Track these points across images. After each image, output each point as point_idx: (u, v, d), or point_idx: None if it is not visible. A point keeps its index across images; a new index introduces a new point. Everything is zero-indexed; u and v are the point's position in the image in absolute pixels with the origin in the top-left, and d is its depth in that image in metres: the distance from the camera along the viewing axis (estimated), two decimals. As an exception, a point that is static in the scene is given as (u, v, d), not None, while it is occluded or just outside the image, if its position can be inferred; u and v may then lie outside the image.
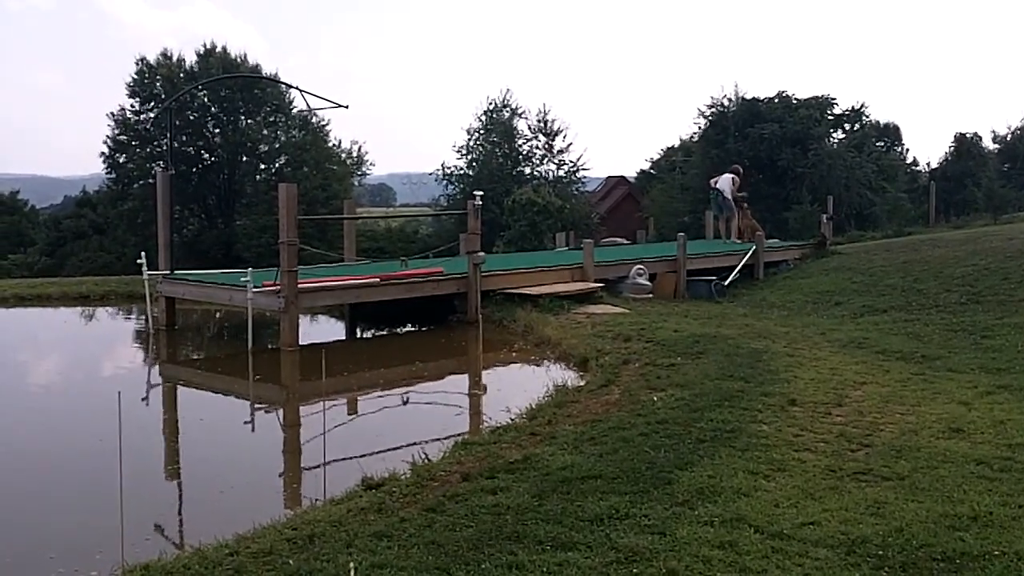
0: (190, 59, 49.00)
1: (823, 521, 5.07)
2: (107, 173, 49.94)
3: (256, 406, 10.02)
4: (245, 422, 9.39)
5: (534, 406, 8.13)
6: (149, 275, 13.28)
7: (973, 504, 5.28)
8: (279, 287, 11.57)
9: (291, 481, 7.14)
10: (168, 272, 13.59)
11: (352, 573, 4.48)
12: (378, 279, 12.94)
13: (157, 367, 12.17)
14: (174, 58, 49.14)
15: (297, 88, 16.10)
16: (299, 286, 11.70)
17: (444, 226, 44.51)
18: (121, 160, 49.38)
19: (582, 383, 9.29)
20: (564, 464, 6.07)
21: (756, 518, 5.10)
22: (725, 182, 20.98)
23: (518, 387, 9.74)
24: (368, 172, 60.57)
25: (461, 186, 47.50)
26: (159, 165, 49.25)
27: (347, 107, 14.91)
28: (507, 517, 5.13)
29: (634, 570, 4.47)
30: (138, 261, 13.27)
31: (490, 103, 47.00)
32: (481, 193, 14.61)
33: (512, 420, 7.71)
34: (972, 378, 8.96)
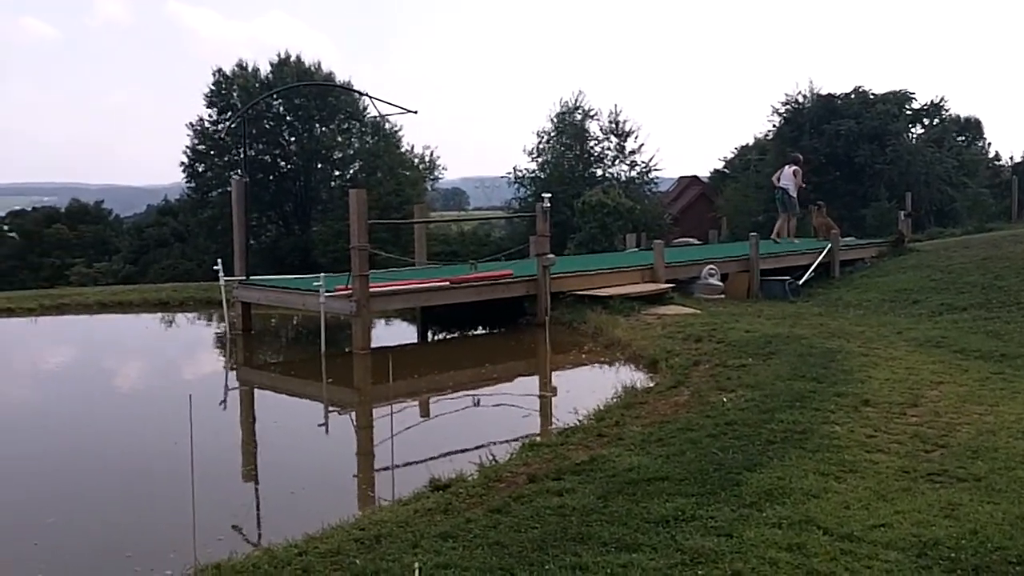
0: (265, 69, 49.80)
1: (894, 523, 4.97)
2: (187, 182, 51.04)
3: (329, 409, 10.12)
4: (319, 425, 9.49)
5: (602, 407, 8.10)
6: (225, 281, 13.52)
7: (1049, 505, 5.14)
8: (351, 291, 11.69)
9: (361, 482, 7.20)
10: (244, 278, 13.82)
11: (417, 573, 4.51)
12: (448, 282, 13.01)
13: (234, 371, 12.36)
14: (249, 68, 50.03)
15: (367, 95, 16.30)
16: (370, 290, 11.80)
17: (516, 229, 44.57)
18: (200, 169, 50.43)
19: (651, 384, 9.24)
20: (630, 465, 6.04)
21: (825, 520, 5.02)
22: (788, 178, 20.38)
23: (587, 389, 9.70)
24: (441, 176, 60.97)
25: (533, 189, 47.56)
26: (236, 174, 50.32)
27: (416, 112, 15.05)
28: (572, 518, 5.12)
29: (699, 572, 4.42)
30: (215, 267, 13.52)
31: (562, 105, 46.91)
32: (549, 195, 14.59)
33: (579, 422, 7.69)
34: (1054, 376, 8.73)
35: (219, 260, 13.63)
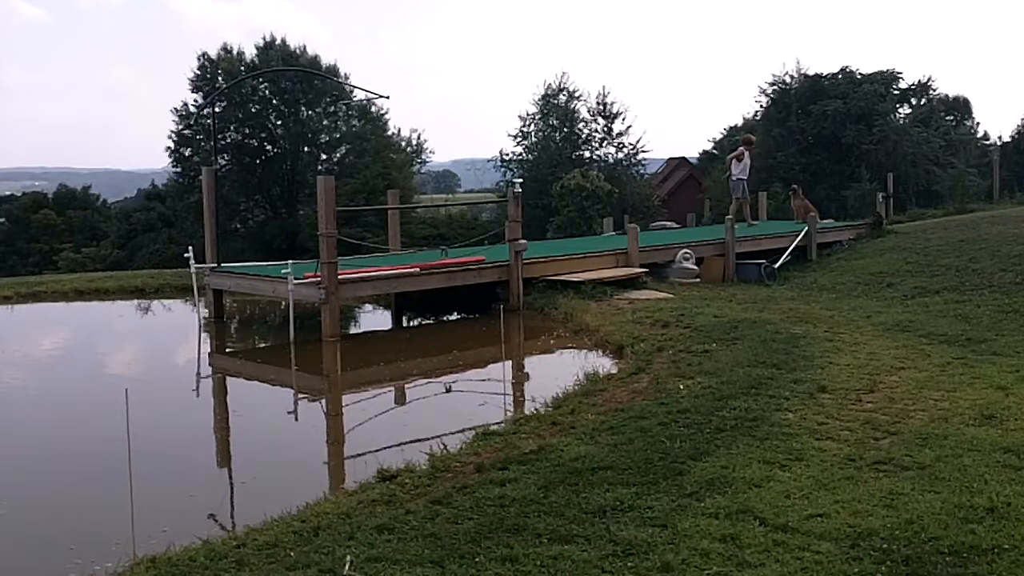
0: (250, 53, 49.55)
1: (832, 513, 4.96)
2: (173, 167, 50.80)
3: (297, 397, 10.09)
4: (288, 412, 9.46)
5: (560, 395, 8.08)
6: (196, 268, 13.46)
7: (992, 495, 5.12)
8: (319, 278, 11.64)
9: (312, 472, 7.16)
10: (215, 265, 13.77)
11: (347, 566, 4.49)
12: (417, 268, 12.96)
13: (200, 359, 12.33)
14: (234, 52, 49.79)
15: (340, 80, 16.16)
16: (339, 277, 11.75)
17: (505, 212, 44.47)
18: (186, 153, 50.18)
19: (614, 371, 9.22)
20: (577, 455, 6.03)
21: (763, 510, 5.01)
22: (733, 162, 20.47)
23: (550, 376, 9.68)
24: (428, 160, 60.92)
25: (519, 172, 47.39)
26: (222, 158, 50.25)
27: (388, 97, 15.24)
28: (510, 509, 5.10)
29: (629, 563, 4.41)
30: (185, 255, 13.47)
31: (546, 87, 46.74)
32: (520, 180, 14.62)
33: (535, 410, 7.67)
34: (1016, 362, 8.73)
35: (190, 248, 13.57)
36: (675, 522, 4.86)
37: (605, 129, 46.56)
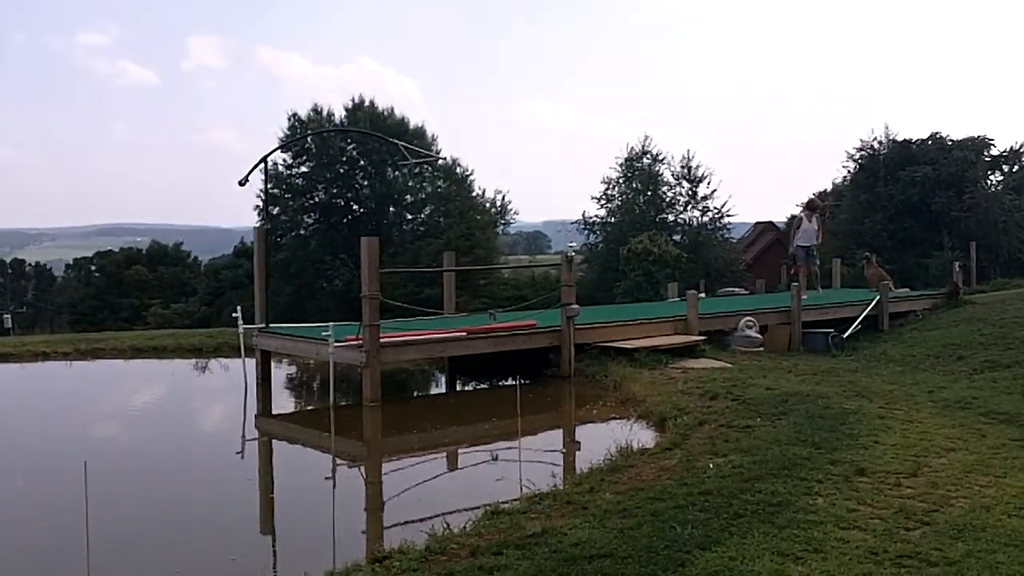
0: (339, 114, 50.49)
1: (838, 615, 4.56)
2: (261, 225, 51.65)
3: (330, 462, 9.85)
4: (326, 478, 9.22)
5: (584, 471, 7.75)
6: (244, 328, 13.45)
7: (1018, 598, 4.68)
8: (361, 341, 11.51)
9: (305, 550, 6.87)
10: (263, 325, 13.75)
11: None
12: (464, 333, 12.75)
13: (246, 421, 12.28)
14: (324, 112, 50.82)
15: (396, 142, 16.21)
16: (382, 340, 11.61)
17: (588, 276, 44.29)
18: (274, 212, 51.11)
19: (650, 445, 8.84)
20: (579, 540, 5.69)
21: (763, 609, 4.63)
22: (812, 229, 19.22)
23: (585, 448, 9.36)
24: (513, 221, 61.08)
25: (601, 235, 47.29)
26: (307, 217, 51.16)
27: (440, 157, 14.91)
28: (490, 602, 4.80)
29: (601, 668, 4.08)
30: (233, 315, 13.46)
31: (628, 150, 46.68)
32: (574, 244, 14.32)
33: (555, 487, 7.35)
34: (1077, 445, 8.15)
35: (239, 308, 13.56)
36: (663, 620, 4.51)
37: (689, 193, 46.28)
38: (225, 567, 6.36)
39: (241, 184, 13.16)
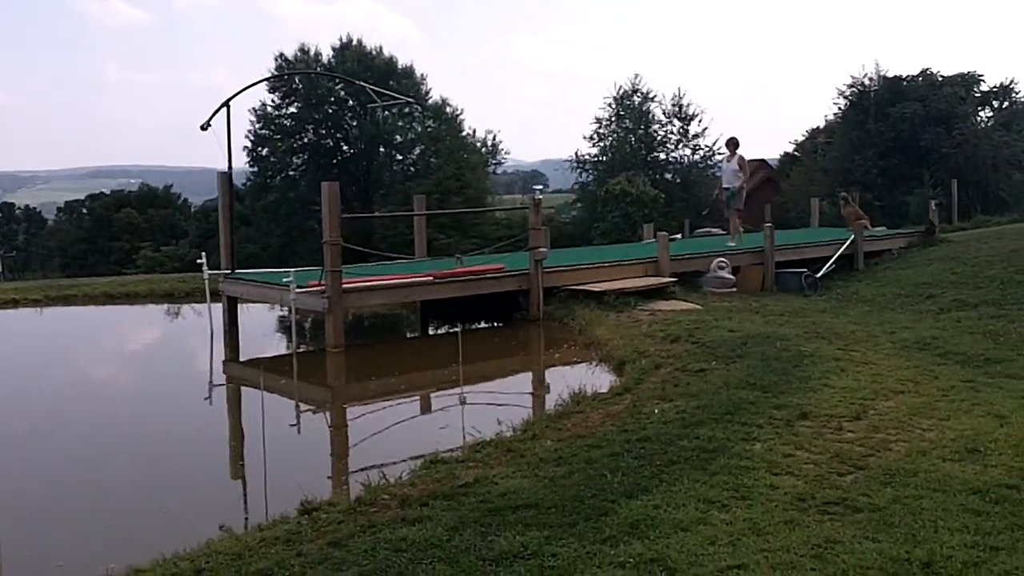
0: (327, 53, 49.99)
1: (752, 564, 4.55)
2: (250, 166, 51.44)
3: (300, 409, 9.81)
4: (289, 424, 9.22)
5: (531, 418, 7.75)
6: (210, 274, 13.39)
7: (936, 545, 4.66)
8: (323, 287, 11.47)
9: (237, 500, 6.87)
10: (229, 271, 13.69)
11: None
12: (431, 277, 12.70)
13: (213, 367, 12.28)
14: (311, 52, 50.29)
15: (366, 85, 16.04)
16: (345, 285, 11.56)
17: (579, 215, 44.20)
18: (263, 153, 50.88)
19: (604, 390, 8.84)
20: (507, 490, 5.69)
21: (677, 560, 4.61)
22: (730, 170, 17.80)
23: (542, 393, 9.36)
24: (504, 160, 60.73)
25: (594, 173, 47.10)
26: (296, 158, 50.90)
27: (414, 102, 14.74)
28: (404, 555, 4.77)
29: (505, 620, 4.09)
30: (198, 261, 13.40)
31: (618, 89, 46.32)
32: (540, 187, 14.22)
33: (499, 434, 7.34)
34: (1028, 386, 8.15)
35: (203, 253, 13.51)
36: (578, 572, 4.51)
37: (681, 131, 46.02)
38: (157, 520, 6.35)
39: (203, 128, 12.99)
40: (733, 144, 18.01)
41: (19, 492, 7.02)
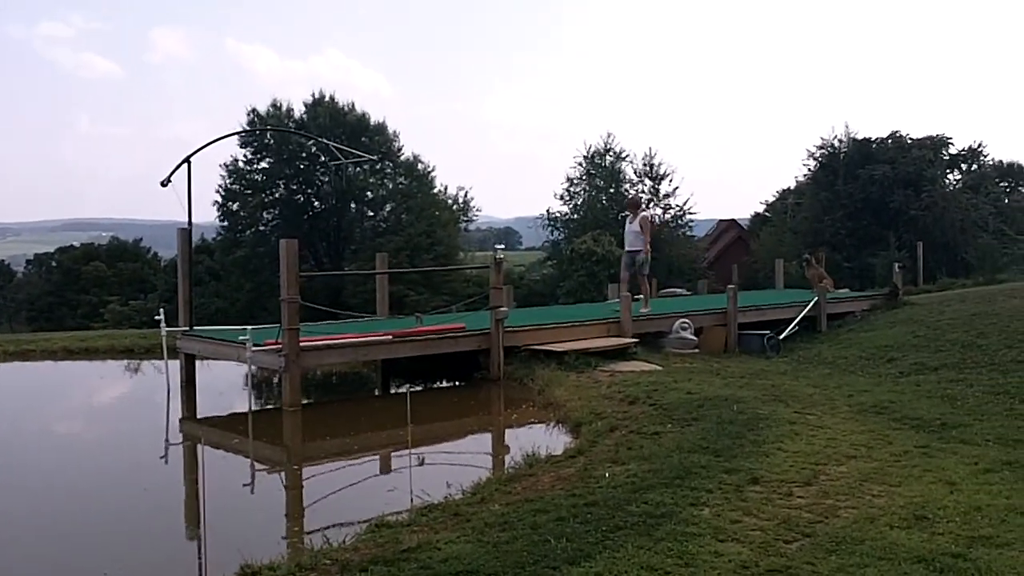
0: (299, 109, 50.25)
1: (689, 634, 4.50)
2: (220, 221, 51.48)
3: (243, 466, 9.71)
4: (242, 482, 9.07)
5: (482, 481, 7.66)
6: (167, 331, 13.27)
7: (877, 616, 4.63)
8: (280, 345, 11.37)
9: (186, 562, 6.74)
10: (187, 328, 13.58)
11: None
12: (390, 336, 12.63)
13: (168, 424, 12.11)
14: (283, 108, 50.53)
15: (325, 142, 16.06)
16: (302, 344, 11.47)
17: (551, 274, 44.35)
18: (234, 208, 50.90)
19: (559, 452, 8.77)
20: (449, 555, 5.59)
21: (615, 628, 4.56)
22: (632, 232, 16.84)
23: (497, 455, 9.28)
24: (475, 218, 60.96)
25: (565, 232, 47.42)
26: (267, 213, 50.82)
27: (376, 159, 14.78)
28: (336, 623, 4.70)
29: None
30: (156, 317, 13.29)
31: (588, 148, 46.91)
32: (502, 246, 14.20)
33: (446, 498, 7.24)
34: (979, 452, 8.18)
35: (160, 310, 13.41)
36: (511, 641, 4.43)
37: (652, 190, 46.52)
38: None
39: (163, 185, 12.94)
40: (634, 204, 17.72)
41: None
